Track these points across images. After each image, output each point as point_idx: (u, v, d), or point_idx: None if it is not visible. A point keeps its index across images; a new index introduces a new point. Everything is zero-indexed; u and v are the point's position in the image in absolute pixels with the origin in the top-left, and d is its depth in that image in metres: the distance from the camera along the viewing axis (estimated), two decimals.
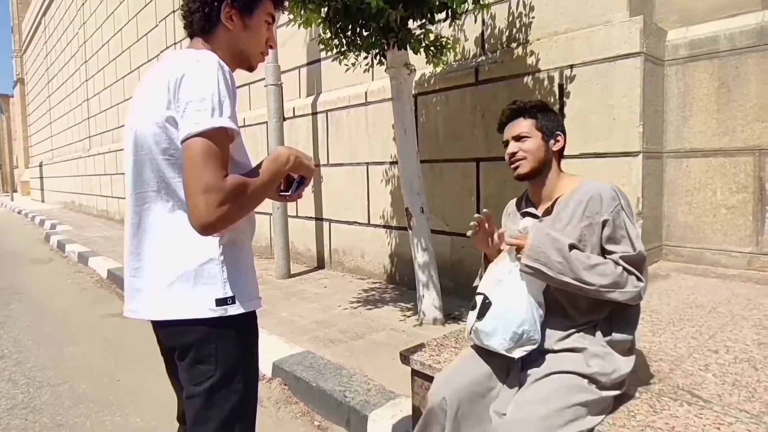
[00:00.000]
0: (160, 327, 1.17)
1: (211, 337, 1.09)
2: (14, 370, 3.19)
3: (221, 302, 1.08)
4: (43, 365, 3.26)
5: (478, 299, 1.46)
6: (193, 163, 0.98)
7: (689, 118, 3.18)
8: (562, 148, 1.56)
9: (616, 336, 1.40)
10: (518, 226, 1.55)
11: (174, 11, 8.76)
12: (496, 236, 1.49)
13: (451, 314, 3.53)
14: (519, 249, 1.39)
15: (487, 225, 1.49)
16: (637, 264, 1.36)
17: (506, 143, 1.58)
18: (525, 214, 1.59)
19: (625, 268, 1.35)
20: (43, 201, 23.04)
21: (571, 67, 3.20)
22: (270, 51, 1.29)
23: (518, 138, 1.53)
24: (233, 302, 1.10)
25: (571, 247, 1.35)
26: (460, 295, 3.87)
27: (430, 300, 3.37)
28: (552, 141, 1.54)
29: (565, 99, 3.23)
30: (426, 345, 2.03)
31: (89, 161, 14.91)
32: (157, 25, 9.67)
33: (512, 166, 1.54)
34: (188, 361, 1.11)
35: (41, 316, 4.44)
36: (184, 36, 5.95)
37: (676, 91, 3.21)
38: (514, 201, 1.70)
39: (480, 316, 1.42)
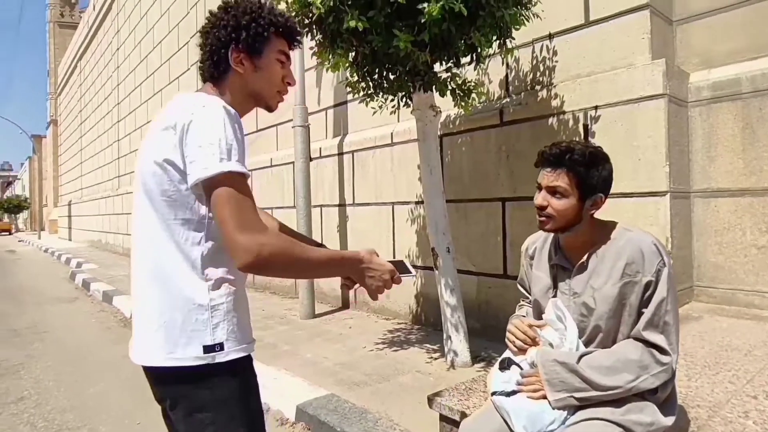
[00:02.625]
0: (150, 373, 1.14)
1: (204, 384, 1.07)
2: (33, 413, 3.19)
3: (209, 349, 1.06)
4: (63, 407, 3.26)
5: (514, 371, 1.42)
6: (222, 206, 0.99)
7: (715, 158, 3.22)
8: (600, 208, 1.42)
9: None
10: (545, 282, 1.50)
11: None
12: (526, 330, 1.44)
13: (479, 356, 3.49)
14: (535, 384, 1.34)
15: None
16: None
17: (539, 186, 1.42)
18: (556, 267, 1.49)
19: (645, 342, 1.30)
20: (70, 239, 23.67)
21: (596, 108, 3.30)
22: (291, 89, 1.29)
23: (551, 191, 1.38)
24: (221, 349, 1.08)
25: (580, 357, 1.31)
26: (487, 336, 3.85)
27: (457, 341, 3.35)
28: (589, 203, 1.39)
29: (590, 139, 3.30)
30: (454, 389, 2.00)
31: (117, 200, 15.41)
32: (188, 69, 10.15)
33: (538, 217, 1.43)
34: (183, 411, 1.09)
35: (63, 356, 4.47)
36: None
37: (701, 132, 3.27)
38: (537, 240, 1.60)
39: (510, 393, 1.38)
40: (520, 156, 3.75)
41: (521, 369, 1.40)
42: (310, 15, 2.74)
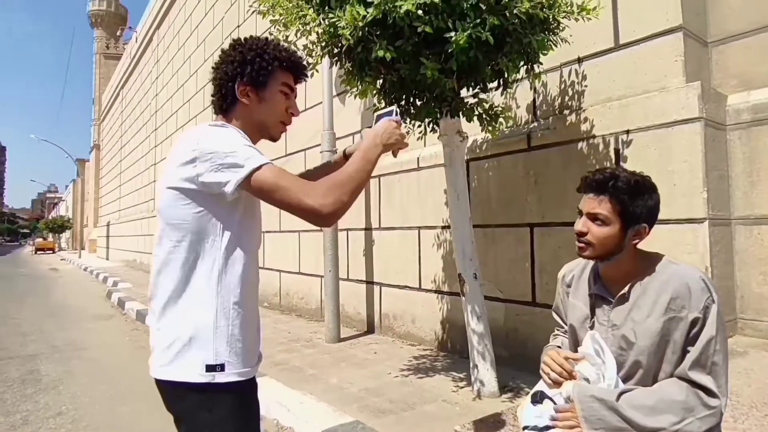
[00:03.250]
0: (159, 387, 1.19)
1: (205, 405, 1.11)
2: (71, 428, 3.27)
3: (210, 368, 1.11)
4: (98, 425, 3.33)
5: (547, 405, 1.34)
6: (274, 189, 1.08)
7: (757, 183, 3.06)
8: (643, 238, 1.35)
9: None
10: (582, 312, 1.44)
11: None
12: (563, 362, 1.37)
13: (507, 386, 3.38)
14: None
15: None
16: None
17: (580, 212, 1.38)
18: (594, 297, 1.42)
19: (691, 383, 1.22)
20: (107, 259, 24.35)
21: (627, 132, 3.19)
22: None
23: (592, 217, 1.33)
24: (222, 369, 1.12)
25: (620, 395, 1.24)
26: (515, 365, 3.72)
27: (484, 370, 3.25)
28: (632, 232, 1.32)
29: (621, 163, 3.20)
30: (481, 422, 1.96)
31: (152, 222, 15.78)
32: None
33: (577, 243, 1.38)
34: (186, 429, 1.14)
35: (99, 374, 4.58)
36: None
37: (741, 156, 3.11)
38: (575, 269, 1.54)
39: (543, 429, 1.31)
40: (549, 181, 3.66)
41: (555, 403, 1.32)
42: (340, 45, 2.75)
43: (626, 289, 1.34)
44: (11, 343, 5.82)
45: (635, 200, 1.30)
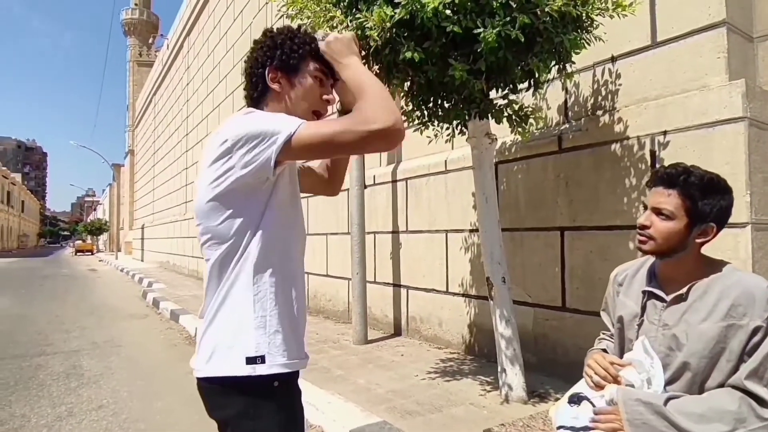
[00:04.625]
0: (201, 386, 1.15)
1: (246, 401, 1.08)
2: (111, 420, 3.38)
3: (251, 361, 1.07)
4: (136, 417, 3.43)
5: (585, 407, 1.30)
6: (315, 137, 1.01)
7: None
8: (713, 239, 1.30)
9: None
10: (631, 309, 1.38)
11: None
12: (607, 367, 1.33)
13: (535, 391, 3.30)
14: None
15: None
16: None
17: (645, 206, 1.35)
18: (647, 295, 1.37)
19: (745, 393, 1.15)
20: (142, 260, 24.93)
21: (664, 133, 3.06)
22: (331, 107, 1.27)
23: (657, 211, 1.29)
24: (263, 362, 1.08)
25: (668, 400, 1.18)
26: (543, 370, 3.64)
27: (512, 375, 3.18)
28: (697, 231, 1.27)
29: (657, 166, 3.07)
30: (511, 425, 1.90)
31: (184, 224, 16.08)
32: None
33: (638, 236, 1.32)
34: (230, 424, 1.11)
35: (135, 370, 4.71)
36: None
37: None
38: (629, 268, 1.48)
39: (579, 429, 1.27)
40: (580, 184, 3.55)
41: (594, 406, 1.29)
42: (367, 47, 2.71)
43: (685, 289, 1.28)
44: (56, 339, 6.07)
45: (706, 197, 1.24)
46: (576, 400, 1.33)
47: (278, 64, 1.16)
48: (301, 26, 1.25)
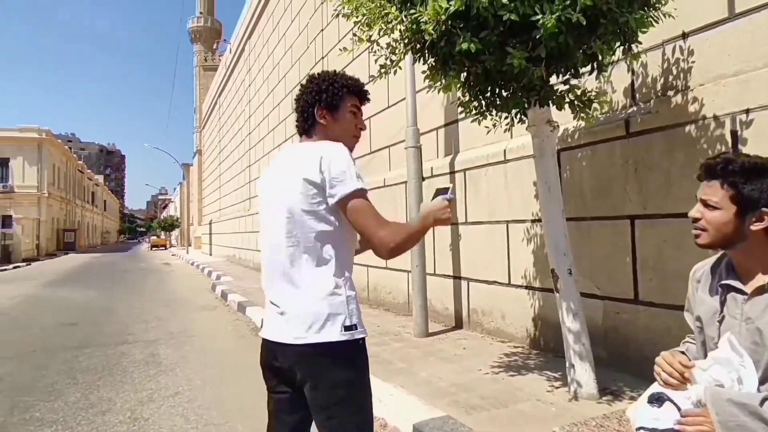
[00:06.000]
0: (289, 352, 1.38)
1: (344, 361, 1.36)
2: (187, 407, 3.55)
3: (348, 329, 1.36)
4: (209, 405, 3.58)
5: (667, 408, 1.23)
6: (363, 214, 1.34)
7: None
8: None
9: None
10: (710, 305, 1.31)
11: None
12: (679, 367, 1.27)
13: (607, 389, 3.16)
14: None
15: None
16: None
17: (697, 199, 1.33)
18: (726, 288, 1.30)
19: None
20: (211, 254, 26.12)
21: (747, 111, 2.81)
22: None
23: (705, 203, 1.28)
24: (356, 328, 1.38)
25: (764, 400, 1.09)
26: (615, 366, 3.48)
27: (581, 371, 3.06)
28: (751, 218, 1.22)
29: (740, 146, 2.83)
30: (583, 424, 1.84)
31: (248, 220, 16.71)
32: None
33: (693, 230, 1.31)
34: (325, 385, 1.35)
35: (207, 359, 4.93)
36: None
37: None
38: (706, 265, 1.42)
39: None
40: (651, 169, 3.34)
41: (677, 407, 1.21)
42: (423, 40, 2.69)
43: (767, 280, 1.21)
44: (136, 329, 6.47)
45: (750, 183, 1.21)
46: (657, 399, 1.26)
47: (324, 104, 1.49)
48: (337, 71, 1.56)
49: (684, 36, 3.23)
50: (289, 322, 1.38)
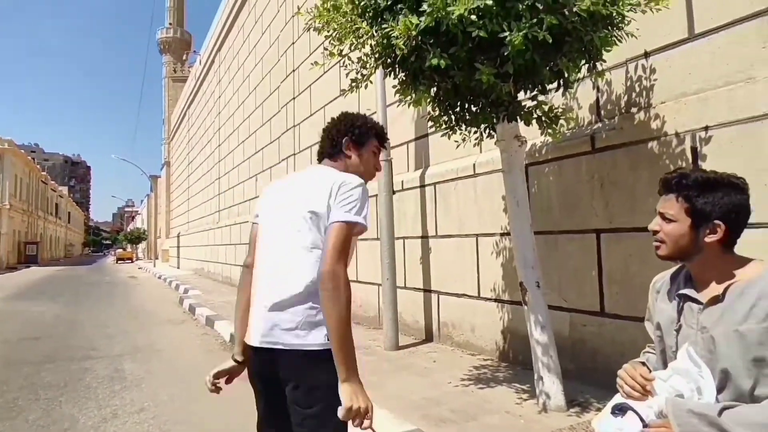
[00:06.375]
0: (278, 356, 1.43)
1: (324, 367, 1.36)
2: (152, 423, 3.45)
3: (326, 336, 1.39)
4: (175, 420, 3.49)
5: (630, 418, 1.25)
6: (335, 239, 1.39)
7: None
8: (725, 237, 1.26)
9: None
10: (669, 314, 1.33)
11: (294, 97, 9.66)
12: (639, 379, 1.30)
13: (574, 400, 3.19)
14: None
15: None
16: None
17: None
18: (683, 298, 1.33)
19: None
20: (178, 267, 25.53)
21: (706, 128, 2.90)
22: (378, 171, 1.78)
23: (663, 216, 1.32)
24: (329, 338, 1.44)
25: (722, 410, 1.12)
26: (582, 379, 3.51)
27: (549, 383, 3.08)
28: (705, 230, 1.26)
29: (700, 162, 2.91)
30: None
31: (218, 232, 16.38)
32: (279, 111, 10.68)
33: (653, 242, 1.35)
34: (305, 387, 1.41)
35: (174, 374, 4.82)
36: (302, 119, 6.45)
37: None
38: (666, 275, 1.45)
39: None
40: (617, 184, 3.41)
41: (640, 416, 1.24)
42: (393, 55, 2.73)
43: (721, 290, 1.24)
44: (101, 344, 6.27)
45: (703, 197, 1.25)
46: (620, 410, 1.28)
47: (354, 139, 1.64)
48: (367, 116, 1.74)
49: (646, 55, 3.33)
50: (276, 327, 1.45)
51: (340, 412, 1.32)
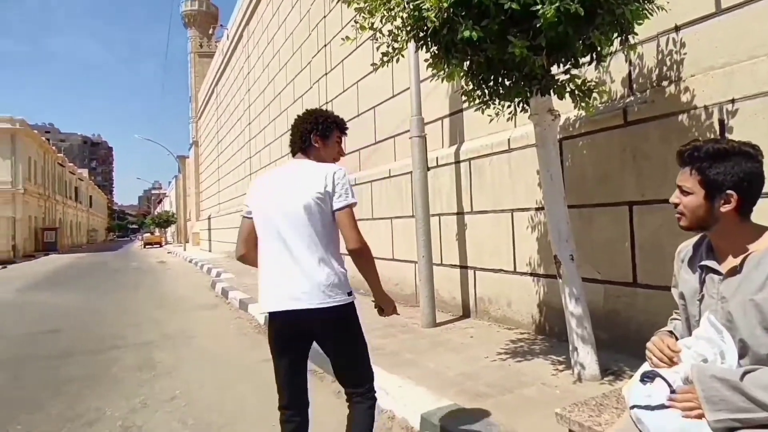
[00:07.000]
0: (313, 314, 1.97)
1: (350, 310, 2.06)
2: (185, 411, 3.54)
3: (350, 294, 2.05)
4: (209, 407, 3.58)
5: (659, 385, 1.36)
6: (349, 222, 2.02)
7: None
8: (739, 206, 1.35)
9: None
10: (692, 285, 1.46)
11: (326, 73, 9.94)
12: (667, 350, 1.42)
13: (608, 369, 3.42)
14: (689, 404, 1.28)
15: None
16: None
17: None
18: (705, 269, 1.44)
19: None
20: (210, 251, 26.22)
21: (732, 101, 3.10)
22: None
23: (680, 188, 1.43)
24: (352, 294, 2.08)
25: (744, 374, 1.22)
26: (616, 348, 3.74)
27: (584, 353, 3.30)
28: (719, 201, 1.35)
29: (727, 134, 3.11)
30: (584, 404, 1.93)
31: None
32: (311, 87, 10.96)
33: (675, 215, 1.47)
34: (342, 326, 2.05)
35: (207, 360, 4.95)
36: (335, 95, 6.76)
37: None
38: (689, 244, 1.56)
39: (654, 407, 1.34)
40: (648, 157, 3.62)
41: (668, 383, 1.35)
42: (425, 28, 2.83)
43: (739, 260, 1.34)
44: (128, 333, 6.34)
45: (715, 167, 1.35)
46: (649, 377, 1.38)
47: (320, 133, 2.17)
48: (328, 111, 2.32)
49: (677, 29, 3.50)
50: (310, 293, 1.99)
51: (387, 310, 2.22)
